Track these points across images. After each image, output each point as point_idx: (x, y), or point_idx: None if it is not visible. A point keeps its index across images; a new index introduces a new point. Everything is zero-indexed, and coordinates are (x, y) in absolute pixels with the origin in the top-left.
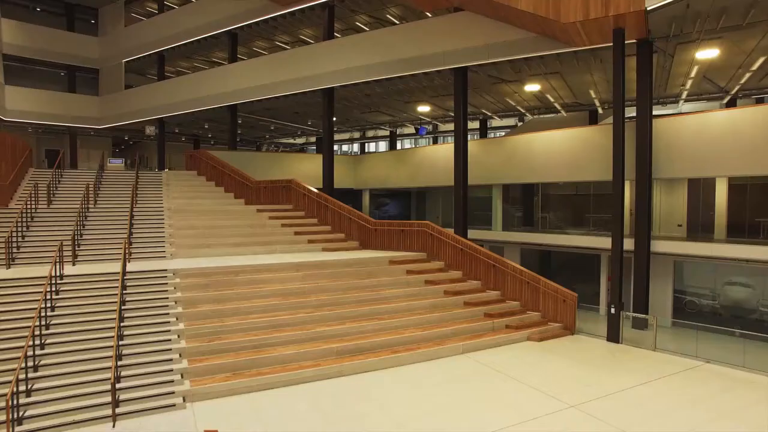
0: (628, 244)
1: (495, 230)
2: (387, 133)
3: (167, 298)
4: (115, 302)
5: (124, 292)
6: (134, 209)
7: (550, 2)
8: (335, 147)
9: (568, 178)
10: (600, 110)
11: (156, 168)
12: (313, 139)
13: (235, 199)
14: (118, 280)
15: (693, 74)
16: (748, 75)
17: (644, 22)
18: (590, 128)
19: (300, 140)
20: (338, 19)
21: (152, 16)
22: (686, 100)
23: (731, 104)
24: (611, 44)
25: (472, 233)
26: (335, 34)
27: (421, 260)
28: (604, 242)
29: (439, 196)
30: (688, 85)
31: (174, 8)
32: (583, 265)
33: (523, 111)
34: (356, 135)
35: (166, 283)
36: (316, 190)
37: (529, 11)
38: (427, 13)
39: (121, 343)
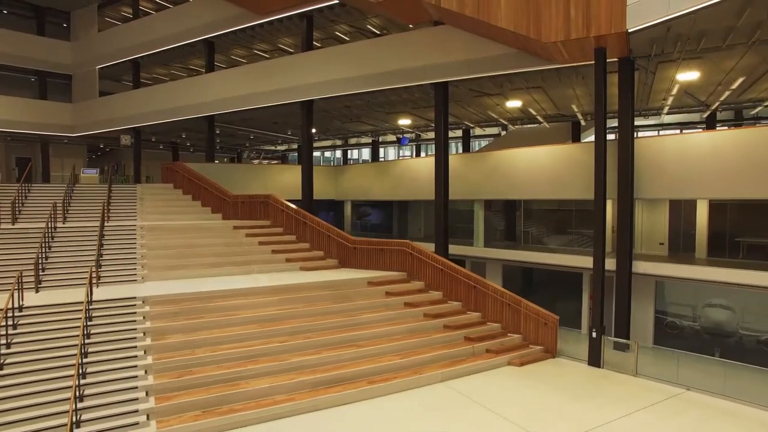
0: (610, 263)
1: (477, 246)
2: (369, 140)
3: (135, 329)
4: (79, 335)
5: (88, 324)
6: (105, 228)
7: (531, 21)
8: (317, 154)
9: (551, 195)
10: (582, 122)
11: (133, 175)
12: (295, 146)
13: (212, 213)
14: (82, 310)
15: (674, 91)
16: (727, 93)
17: (625, 42)
18: (573, 146)
19: (282, 147)
20: (318, 29)
21: (127, 20)
22: (668, 113)
23: (712, 117)
24: (593, 62)
25: (453, 248)
26: (315, 43)
27: (400, 280)
28: (586, 261)
29: (422, 207)
30: (669, 101)
31: (149, 14)
32: (567, 279)
33: (505, 122)
34: (338, 142)
35: (135, 312)
36: (294, 206)
37: (509, 29)
38: (409, 25)
39: (83, 382)
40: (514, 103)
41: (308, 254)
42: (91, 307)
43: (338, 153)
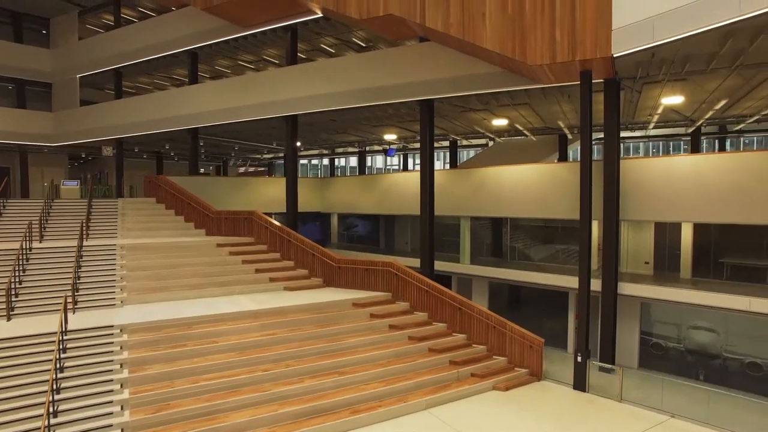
0: (596, 284)
1: (463, 263)
2: (357, 149)
3: (112, 360)
4: (51, 370)
5: (62, 356)
6: (84, 248)
7: (517, 43)
8: (304, 161)
9: (537, 214)
10: (569, 135)
11: (115, 185)
12: (281, 153)
13: (195, 229)
14: (56, 341)
15: (659, 110)
16: (711, 112)
17: (611, 65)
18: (559, 165)
19: (268, 155)
20: (303, 41)
21: (108, 28)
22: (654, 127)
23: (697, 131)
24: (578, 83)
25: (440, 264)
26: (300, 55)
27: (385, 301)
28: (572, 281)
29: (409, 219)
30: (655, 118)
31: (132, 21)
32: (554, 294)
33: (492, 136)
34: (325, 151)
35: (112, 342)
36: (278, 224)
37: (495, 51)
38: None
39: (53, 421)
40: (500, 122)
41: (292, 273)
42: (65, 337)
43: (325, 160)
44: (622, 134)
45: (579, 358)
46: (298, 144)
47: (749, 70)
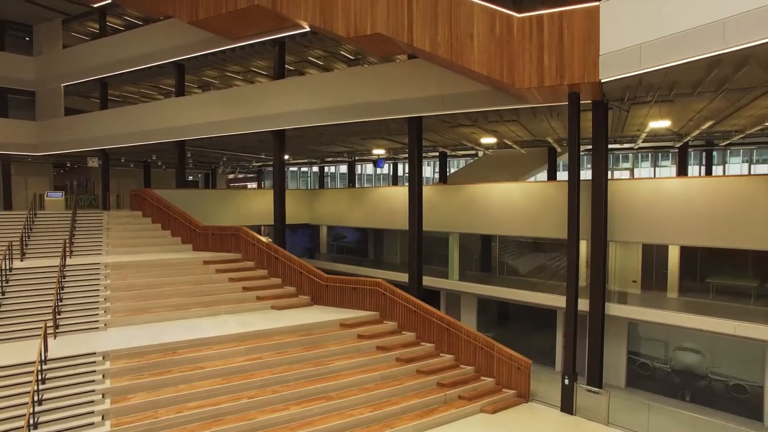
0: (583, 304)
1: (452, 279)
2: (346, 159)
3: (94, 390)
4: (28, 403)
5: (41, 387)
6: (67, 267)
7: (505, 66)
8: (293, 169)
9: (525, 233)
10: (558, 149)
11: (101, 195)
12: (271, 162)
13: (182, 244)
14: (34, 372)
15: (647, 129)
16: (697, 132)
17: (599, 89)
18: (548, 184)
19: (258, 163)
20: (291, 53)
21: (94, 35)
22: (643, 141)
23: (685, 147)
24: (566, 103)
25: (428, 280)
26: (288, 67)
27: (373, 321)
28: (560, 301)
29: (398, 232)
30: (643, 135)
31: (117, 30)
32: (542, 308)
33: (481, 149)
34: (315, 159)
35: (94, 370)
36: (265, 240)
37: (483, 73)
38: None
39: None
40: (488, 140)
41: (280, 291)
42: (45, 367)
43: (315, 167)
44: (611, 146)
45: (566, 381)
46: (286, 157)
47: (735, 94)
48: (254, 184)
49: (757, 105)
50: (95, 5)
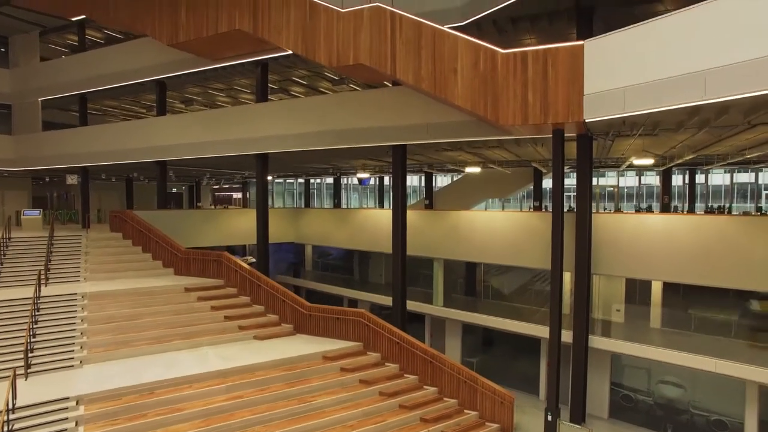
0: (567, 336)
1: (436, 305)
2: (332, 174)
3: None
4: None
5: None
6: (42, 298)
7: (489, 103)
8: (279, 180)
9: (509, 261)
10: (544, 170)
11: (80, 211)
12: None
13: (163, 268)
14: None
15: (632, 157)
16: (679, 161)
17: (583, 125)
18: (532, 214)
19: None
20: (274, 72)
21: (73, 47)
22: (628, 166)
23: (668, 171)
24: (550, 136)
25: (413, 305)
26: (272, 85)
27: (356, 353)
28: (543, 331)
29: (383, 254)
30: (627, 163)
31: (98, 42)
32: (527, 335)
33: (465, 170)
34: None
35: (67, 417)
36: (247, 266)
37: (466, 108)
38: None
39: None
40: (473, 169)
41: (262, 320)
42: (12, 416)
43: (301, 179)
44: (595, 164)
45: (549, 418)
46: (270, 178)
47: (717, 130)
48: (239, 194)
49: (739, 138)
50: (73, 19)
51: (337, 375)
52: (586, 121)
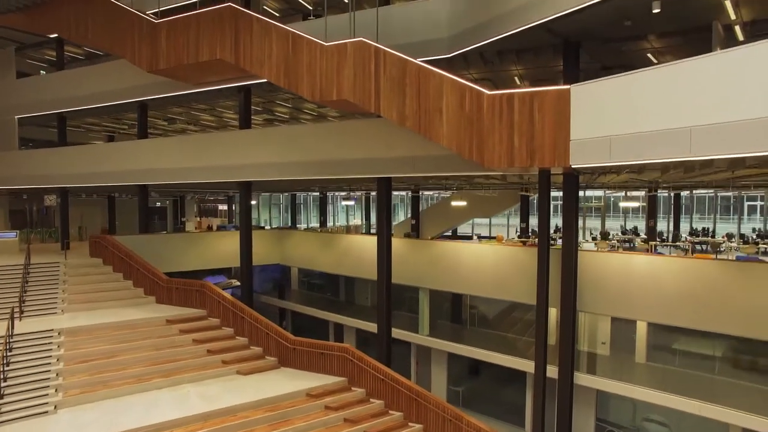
0: (552, 371)
1: (422, 334)
2: (318, 193)
3: None
4: None
5: None
6: (15, 335)
7: (474, 146)
8: (266, 194)
9: (495, 294)
10: (531, 194)
11: (59, 232)
12: None
13: (145, 295)
14: None
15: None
16: (665, 185)
17: (569, 167)
18: (519, 248)
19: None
20: (258, 96)
21: (52, 63)
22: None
23: (653, 195)
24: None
25: (398, 333)
26: (255, 107)
27: (341, 389)
28: (529, 366)
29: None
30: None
31: (77, 58)
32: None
33: (452, 190)
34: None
35: None
36: (230, 297)
37: (452, 149)
38: None
39: None
40: (458, 203)
41: (246, 353)
42: None
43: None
44: (589, 186)
45: None
46: (253, 202)
47: (702, 168)
48: (224, 206)
49: (722, 174)
50: (51, 36)
51: (321, 414)
52: (573, 166)
